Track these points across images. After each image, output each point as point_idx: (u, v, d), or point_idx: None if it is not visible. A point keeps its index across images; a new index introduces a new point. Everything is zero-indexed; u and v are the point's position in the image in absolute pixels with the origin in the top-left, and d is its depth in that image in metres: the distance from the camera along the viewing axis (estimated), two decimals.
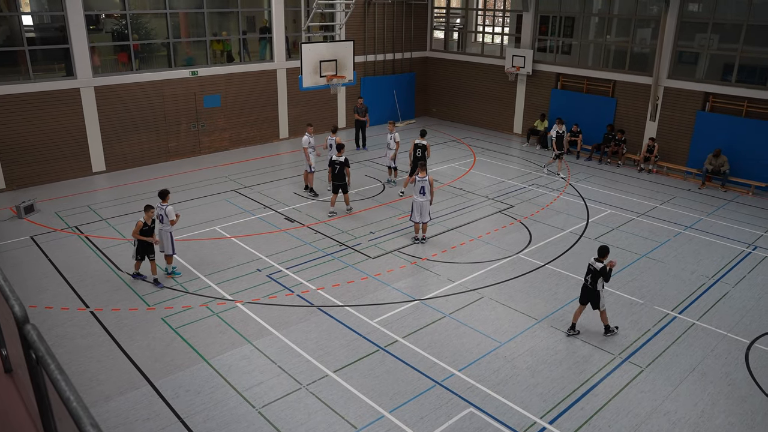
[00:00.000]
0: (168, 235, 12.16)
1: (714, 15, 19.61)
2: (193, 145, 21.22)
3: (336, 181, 15.76)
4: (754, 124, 19.09)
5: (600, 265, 10.39)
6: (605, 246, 10.54)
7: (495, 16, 28.00)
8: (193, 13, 20.62)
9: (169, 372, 9.56)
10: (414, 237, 14.57)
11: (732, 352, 10.48)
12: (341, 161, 15.48)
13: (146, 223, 11.78)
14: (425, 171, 14.15)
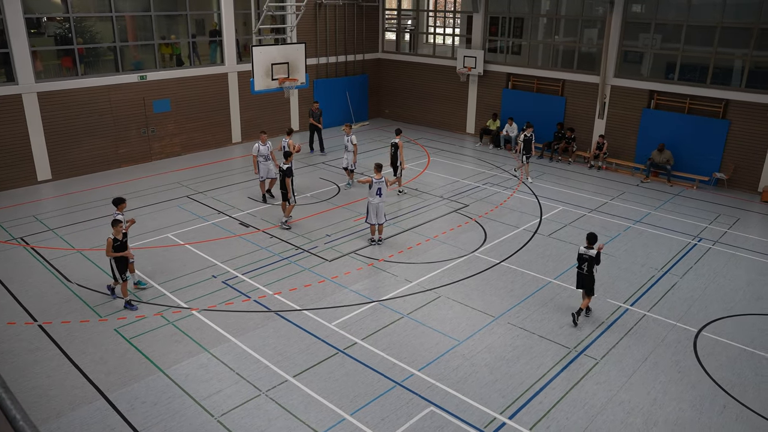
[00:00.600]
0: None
1: (656, 16, 20.25)
2: (143, 151, 20.75)
3: (280, 189, 15.34)
4: (696, 120, 19.79)
5: (593, 252, 10.98)
6: (593, 233, 11.11)
7: (446, 17, 28.26)
8: (140, 16, 20.17)
9: (123, 384, 9.32)
10: (371, 239, 14.57)
11: (681, 341, 10.82)
12: (283, 170, 14.89)
13: (116, 238, 11.17)
14: (380, 172, 14.19)
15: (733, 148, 19.30)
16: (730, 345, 10.75)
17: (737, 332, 11.17)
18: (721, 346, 10.71)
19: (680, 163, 20.00)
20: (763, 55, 18.65)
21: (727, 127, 19.22)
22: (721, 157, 19.49)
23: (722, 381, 9.75)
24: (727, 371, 10.01)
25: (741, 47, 18.96)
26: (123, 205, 12.02)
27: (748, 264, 14.04)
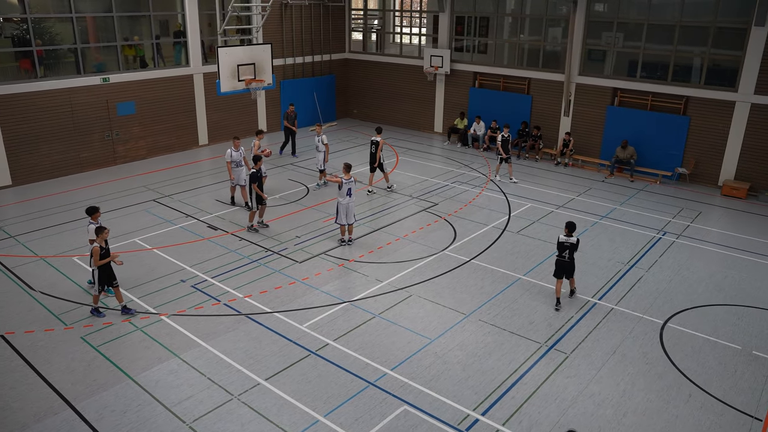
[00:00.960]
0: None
1: (618, 15, 20.63)
2: (107, 154, 20.37)
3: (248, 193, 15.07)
4: (658, 116, 20.23)
5: (574, 239, 11.64)
6: (573, 222, 11.76)
7: (412, 17, 28.37)
8: (101, 17, 19.78)
9: (91, 393, 9.13)
10: (341, 239, 14.54)
11: (648, 333, 11.04)
12: (249, 174, 14.73)
13: (101, 246, 10.85)
14: (350, 172, 14.16)
15: (693, 143, 19.77)
16: (695, 335, 11.01)
17: (701, 323, 11.44)
18: (686, 337, 10.96)
19: (643, 159, 20.42)
20: (721, 53, 19.14)
21: (688, 123, 19.68)
22: (682, 152, 19.95)
23: (687, 371, 9.98)
24: (691, 361, 10.25)
25: (699, 45, 19.43)
26: (97, 214, 11.68)
27: (710, 256, 14.39)
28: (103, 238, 10.90)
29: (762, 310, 11.96)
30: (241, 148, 16.44)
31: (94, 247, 10.78)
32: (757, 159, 18.73)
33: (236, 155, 16.26)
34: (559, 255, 11.80)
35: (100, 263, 10.76)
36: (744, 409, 9.09)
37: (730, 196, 18.75)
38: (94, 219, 11.58)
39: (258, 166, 14.82)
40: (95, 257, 10.75)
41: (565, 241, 11.66)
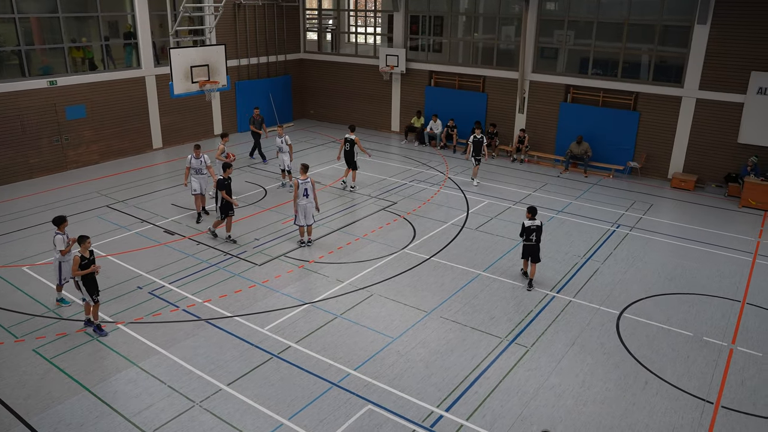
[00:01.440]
0: (57, 264, 11.24)
1: (569, 13, 21.06)
2: (58, 160, 19.77)
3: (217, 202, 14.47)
4: (610, 112, 20.73)
5: (538, 222, 12.39)
6: (533, 206, 12.54)
7: (366, 16, 28.38)
8: (46, 17, 19.18)
9: (45, 407, 8.85)
10: (300, 240, 14.45)
11: (605, 324, 11.30)
12: (217, 181, 14.25)
13: (84, 255, 10.41)
14: (306, 173, 14.08)
15: (644, 138, 20.33)
16: (649, 324, 11.32)
17: (655, 312, 11.77)
18: (641, 326, 11.26)
19: (596, 154, 20.89)
20: (667, 50, 19.74)
21: (638, 119, 20.23)
22: (633, 147, 20.50)
23: (643, 359, 10.26)
24: (647, 349, 10.54)
25: (647, 43, 20.00)
26: (65, 224, 11.24)
27: (662, 247, 14.82)
28: (86, 248, 10.45)
29: (711, 298, 12.38)
30: (202, 156, 15.67)
31: (75, 257, 10.34)
32: (702, 152, 19.38)
33: (195, 162, 15.59)
34: (526, 239, 12.37)
35: (79, 273, 10.32)
36: (696, 393, 9.39)
37: (679, 188, 19.34)
38: (61, 229, 11.13)
39: (227, 174, 14.28)
40: (74, 266, 10.31)
41: (531, 225, 12.33)
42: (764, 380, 9.79)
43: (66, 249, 11.11)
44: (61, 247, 11.05)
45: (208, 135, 24.45)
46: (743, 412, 9.04)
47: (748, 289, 12.78)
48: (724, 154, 19.04)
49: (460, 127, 23.47)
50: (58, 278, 11.44)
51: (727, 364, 10.19)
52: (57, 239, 11.09)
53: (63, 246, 11.07)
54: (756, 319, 11.62)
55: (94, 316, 10.72)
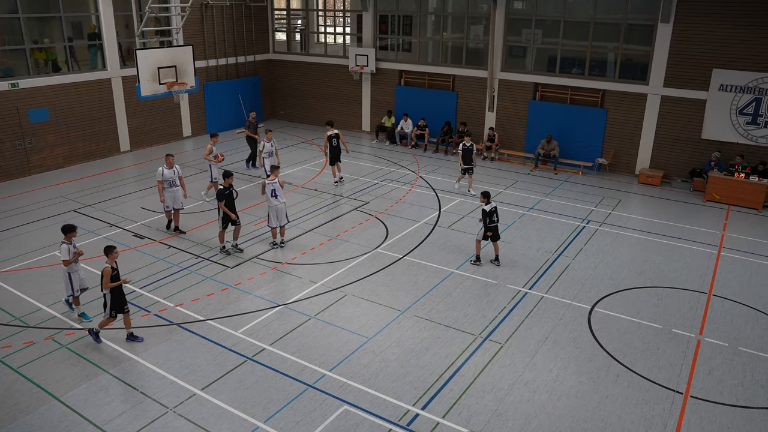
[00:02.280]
0: (66, 275, 10.84)
1: (536, 12, 21.29)
2: (20, 164, 19.31)
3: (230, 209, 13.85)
4: (578, 110, 21.03)
5: (494, 204, 13.29)
6: (486, 191, 13.45)
7: (336, 16, 28.32)
8: (6, 18, 18.71)
9: (12, 418, 8.64)
10: (272, 242, 14.35)
11: (577, 319, 11.46)
12: (217, 191, 13.76)
13: (113, 266, 10.06)
14: (277, 173, 13.98)
15: (611, 134, 20.66)
16: (620, 318, 11.52)
17: (625, 306, 11.98)
18: (612, 320, 11.44)
19: (565, 151, 21.16)
20: (632, 48, 20.09)
21: (605, 116, 20.55)
22: (601, 143, 20.81)
23: (615, 352, 10.43)
24: (618, 342, 10.72)
25: (613, 41, 20.33)
26: (73, 233, 10.76)
27: (631, 242, 15.09)
28: (114, 259, 10.10)
29: (679, 290, 12.64)
30: (175, 166, 14.57)
31: (105, 268, 9.92)
32: (668, 148, 19.77)
33: (169, 173, 14.36)
34: (490, 221, 13.20)
35: (110, 286, 9.96)
36: (667, 384, 9.59)
37: (647, 183, 19.71)
38: (68, 238, 10.70)
39: (227, 183, 13.64)
40: (105, 279, 9.91)
41: (491, 208, 13.20)
42: (730, 369, 10.03)
43: (70, 260, 10.65)
44: (65, 257, 10.60)
45: (177, 137, 24.13)
46: (711, 401, 9.25)
47: (713, 281, 13.09)
48: (688, 150, 19.46)
49: (431, 126, 23.58)
50: (70, 290, 10.96)
51: (695, 355, 10.42)
52: (62, 249, 10.64)
53: (67, 256, 10.61)
54: (721, 311, 11.90)
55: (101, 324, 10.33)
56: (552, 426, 8.63)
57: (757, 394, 9.43)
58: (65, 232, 10.79)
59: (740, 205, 17.72)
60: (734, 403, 9.21)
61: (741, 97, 18.19)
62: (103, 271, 9.96)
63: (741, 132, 18.43)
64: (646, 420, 8.80)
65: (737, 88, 18.19)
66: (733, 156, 18.49)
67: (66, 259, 10.68)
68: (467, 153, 18.01)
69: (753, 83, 17.94)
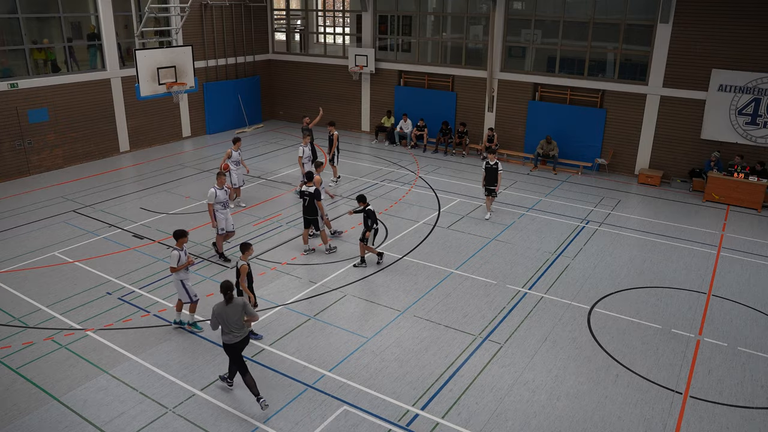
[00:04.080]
0: (179, 283, 10.51)
1: (535, 12, 21.29)
2: (20, 165, 19.30)
3: (306, 215, 13.75)
4: (577, 110, 21.03)
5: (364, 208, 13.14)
6: (362, 194, 13.35)
7: (335, 16, 28.33)
8: (5, 18, 18.71)
9: (11, 419, 8.63)
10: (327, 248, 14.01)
11: (576, 319, 11.46)
12: (311, 192, 13.55)
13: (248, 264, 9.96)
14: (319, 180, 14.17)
15: (611, 135, 20.67)
16: (619, 318, 11.52)
17: (624, 306, 11.98)
18: (612, 320, 11.45)
19: (565, 151, 21.17)
20: (631, 48, 20.10)
21: (605, 116, 20.56)
22: (601, 143, 20.82)
23: (614, 352, 10.43)
24: (618, 343, 10.72)
25: (612, 41, 20.33)
26: (184, 239, 10.40)
27: (631, 242, 15.09)
28: (248, 256, 10.05)
29: (678, 291, 12.65)
30: (224, 187, 13.36)
31: (243, 266, 9.79)
32: (667, 148, 19.78)
33: (222, 194, 13.19)
34: (373, 222, 13.06)
35: (246, 288, 9.95)
36: (666, 384, 9.59)
37: (646, 183, 19.71)
38: (179, 245, 10.36)
39: (311, 183, 13.60)
40: (242, 276, 9.81)
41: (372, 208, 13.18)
42: (730, 369, 10.04)
43: (178, 267, 10.25)
44: (174, 264, 10.22)
45: (176, 138, 24.13)
46: (710, 401, 9.25)
47: (713, 282, 13.09)
48: (687, 150, 19.47)
49: (430, 126, 23.59)
50: (187, 298, 10.61)
51: (694, 355, 10.43)
52: (173, 255, 10.24)
53: (175, 263, 10.21)
54: (721, 311, 11.91)
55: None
56: (551, 426, 8.64)
57: (757, 394, 9.44)
58: (177, 238, 10.34)
59: (739, 205, 17.74)
60: (734, 403, 9.22)
61: (740, 98, 18.21)
62: (241, 268, 9.86)
63: (740, 132, 18.44)
64: (646, 420, 8.81)
65: (736, 89, 18.20)
66: (733, 156, 18.50)
67: (173, 266, 10.28)
68: (491, 173, 15.87)
69: (752, 83, 17.95)
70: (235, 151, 16.34)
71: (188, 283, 10.61)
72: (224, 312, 8.56)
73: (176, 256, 10.25)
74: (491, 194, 16.11)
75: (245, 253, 10.13)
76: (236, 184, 16.53)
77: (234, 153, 16.32)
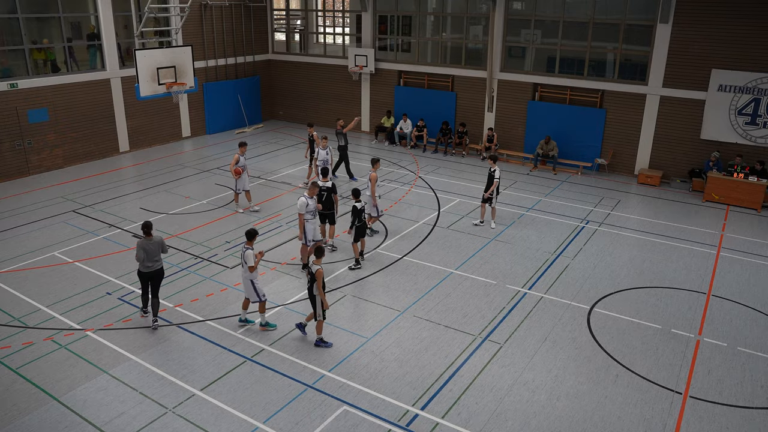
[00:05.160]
0: (249, 282, 10.62)
1: (535, 12, 21.29)
2: (20, 165, 19.30)
3: (323, 210, 13.72)
4: (577, 110, 21.03)
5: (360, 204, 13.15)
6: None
7: (335, 16, 28.33)
8: (5, 18, 18.71)
9: (11, 419, 8.63)
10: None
11: (576, 319, 11.46)
12: (328, 186, 13.62)
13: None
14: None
15: (610, 135, 20.67)
16: (619, 318, 11.52)
17: (624, 306, 11.98)
18: (612, 320, 11.45)
19: (565, 151, 21.17)
20: (631, 48, 20.10)
21: (605, 116, 20.56)
22: (600, 143, 20.82)
23: (614, 352, 10.43)
24: (617, 343, 10.72)
25: (612, 41, 20.33)
26: (255, 238, 10.56)
27: (630, 242, 15.09)
28: (322, 260, 10.12)
29: (678, 291, 12.65)
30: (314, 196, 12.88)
31: (319, 270, 9.83)
32: (667, 148, 19.78)
33: (313, 204, 12.72)
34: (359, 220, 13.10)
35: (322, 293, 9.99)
36: (666, 384, 9.59)
37: (646, 183, 19.72)
38: (250, 244, 10.51)
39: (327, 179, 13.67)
40: (319, 281, 9.84)
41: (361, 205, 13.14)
42: (730, 369, 10.04)
43: (255, 264, 10.40)
44: (251, 263, 10.36)
45: (176, 138, 24.12)
46: (710, 401, 9.26)
47: (712, 282, 13.10)
48: (687, 150, 19.47)
49: (430, 126, 23.59)
50: (256, 297, 10.70)
51: (694, 355, 10.43)
52: (248, 254, 10.37)
53: (252, 262, 10.35)
54: (720, 311, 11.91)
55: (320, 330, 10.38)
56: (551, 426, 8.64)
57: (757, 394, 9.44)
58: (250, 237, 10.50)
59: (739, 205, 17.74)
60: (733, 403, 9.22)
61: (740, 98, 18.21)
62: (317, 273, 9.87)
63: (740, 132, 18.44)
64: (646, 420, 8.81)
65: (736, 89, 18.20)
66: (732, 156, 18.51)
67: (251, 265, 10.38)
68: (488, 179, 15.48)
69: (752, 83, 17.95)
70: (241, 155, 16.16)
71: (258, 283, 10.66)
72: (147, 246, 10.56)
73: (251, 255, 10.38)
74: (485, 201, 15.60)
75: (319, 258, 10.07)
76: (239, 190, 16.38)
77: (241, 158, 16.12)
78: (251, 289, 10.67)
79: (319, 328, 10.38)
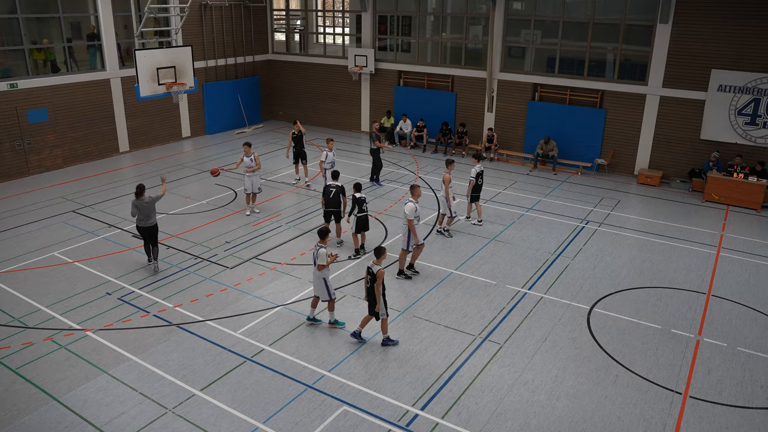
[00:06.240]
0: (321, 281, 10.63)
1: (535, 12, 21.30)
2: (20, 165, 19.30)
3: (328, 207, 14.13)
4: (577, 110, 21.04)
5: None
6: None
7: (335, 16, 28.32)
8: (5, 18, 18.70)
9: (11, 419, 8.63)
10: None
11: (576, 319, 11.46)
12: (337, 185, 14.04)
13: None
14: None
15: (610, 135, 20.67)
16: (619, 318, 11.52)
17: (624, 306, 11.98)
18: (611, 320, 11.45)
19: (564, 151, 21.17)
20: (631, 48, 20.10)
21: (604, 116, 20.56)
22: (600, 144, 20.82)
23: (614, 352, 10.43)
24: (617, 343, 10.72)
25: (611, 41, 20.34)
26: (329, 238, 10.54)
27: (630, 242, 15.09)
28: (382, 260, 10.12)
29: (678, 291, 12.65)
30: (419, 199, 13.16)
31: (380, 271, 9.85)
32: (667, 148, 19.79)
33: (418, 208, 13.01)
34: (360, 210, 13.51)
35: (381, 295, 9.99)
36: (666, 385, 9.59)
37: (646, 184, 19.72)
38: (323, 242, 10.53)
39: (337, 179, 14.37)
40: (379, 281, 9.86)
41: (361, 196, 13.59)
42: (729, 369, 10.04)
43: (327, 263, 10.43)
44: (323, 261, 10.36)
45: (176, 138, 24.13)
46: (710, 401, 9.26)
47: (712, 282, 13.10)
48: (687, 150, 19.47)
49: (430, 126, 23.60)
50: (327, 296, 10.72)
51: (694, 355, 10.43)
52: (320, 253, 10.37)
53: (324, 260, 10.36)
54: (720, 311, 11.91)
55: (385, 329, 10.38)
56: (551, 426, 8.64)
57: (756, 394, 9.44)
58: (322, 236, 10.56)
59: (739, 205, 17.74)
60: (733, 403, 9.22)
61: (740, 98, 18.21)
62: (378, 273, 9.91)
63: (740, 132, 18.44)
64: (646, 420, 8.81)
65: (736, 89, 18.21)
66: (732, 156, 18.51)
67: (323, 263, 10.40)
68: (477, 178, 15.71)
69: (752, 83, 17.96)
70: (246, 156, 16.09)
71: (329, 282, 10.69)
72: (139, 204, 12.40)
73: (324, 254, 10.41)
74: (472, 200, 15.86)
75: (380, 257, 10.11)
76: (249, 191, 16.25)
77: (246, 159, 16.06)
78: (323, 288, 10.68)
79: (384, 327, 10.35)
